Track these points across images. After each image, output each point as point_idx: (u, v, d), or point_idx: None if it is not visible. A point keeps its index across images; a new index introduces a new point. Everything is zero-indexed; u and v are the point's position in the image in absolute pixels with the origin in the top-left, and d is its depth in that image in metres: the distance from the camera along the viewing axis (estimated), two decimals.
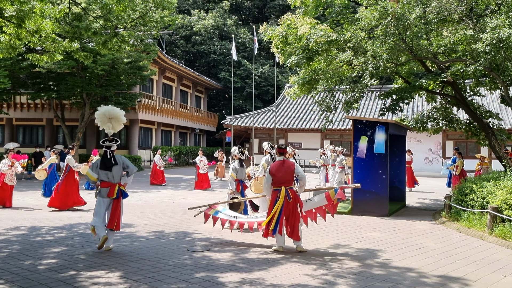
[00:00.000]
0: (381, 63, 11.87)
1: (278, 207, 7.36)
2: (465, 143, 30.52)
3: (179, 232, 9.27)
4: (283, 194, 7.42)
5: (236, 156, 10.03)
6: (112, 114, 7.76)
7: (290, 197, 7.45)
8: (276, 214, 7.35)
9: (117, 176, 7.58)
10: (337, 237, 8.80)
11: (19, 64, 22.89)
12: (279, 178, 7.50)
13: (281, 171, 7.52)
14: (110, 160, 7.53)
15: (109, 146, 7.66)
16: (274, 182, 7.53)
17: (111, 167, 7.51)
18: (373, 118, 12.32)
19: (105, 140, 7.75)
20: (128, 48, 10.96)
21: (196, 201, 14.89)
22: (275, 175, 7.50)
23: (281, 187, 7.47)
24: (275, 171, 7.53)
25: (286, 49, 14.10)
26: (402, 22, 11.31)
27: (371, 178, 11.86)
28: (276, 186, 7.53)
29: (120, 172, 7.62)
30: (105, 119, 7.74)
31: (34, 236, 8.76)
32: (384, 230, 9.60)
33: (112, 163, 7.51)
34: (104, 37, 9.54)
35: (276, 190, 7.53)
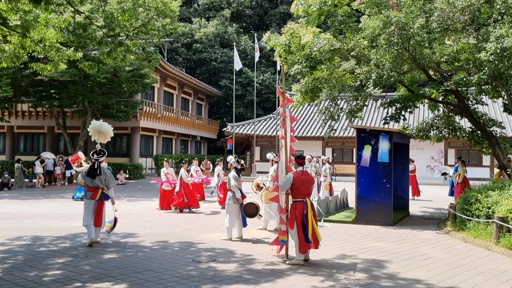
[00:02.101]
0: (385, 72, 11.87)
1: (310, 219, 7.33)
2: (466, 151, 30.48)
3: (183, 242, 9.22)
4: (309, 207, 7.40)
5: (232, 165, 9.97)
6: (102, 129, 9.45)
7: (313, 209, 7.51)
8: (310, 226, 7.30)
9: (100, 183, 9.03)
10: (342, 247, 8.74)
11: (21, 72, 22.92)
12: (302, 190, 7.46)
13: (305, 183, 7.49)
14: (96, 170, 9.02)
15: (97, 159, 9.09)
16: (296, 194, 7.46)
17: (95, 176, 8.99)
18: (377, 127, 12.33)
19: (94, 153, 9.20)
20: (133, 57, 10.96)
21: (196, 210, 14.84)
22: (298, 188, 7.44)
23: (305, 199, 7.44)
24: (299, 184, 7.44)
25: (289, 57, 14.10)
26: (405, 31, 11.31)
27: (375, 187, 11.83)
28: (298, 197, 7.46)
29: (103, 180, 9.07)
30: (96, 133, 9.44)
31: (37, 246, 8.71)
32: (390, 240, 9.54)
33: (97, 173, 9.01)
34: (109, 47, 9.54)
35: (300, 202, 7.45)
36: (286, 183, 7.41)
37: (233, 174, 9.64)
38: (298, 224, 7.37)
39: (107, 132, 9.58)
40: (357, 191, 12.02)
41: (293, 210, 7.46)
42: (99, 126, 9.49)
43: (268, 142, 34.88)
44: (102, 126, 9.52)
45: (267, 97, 46.57)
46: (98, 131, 9.48)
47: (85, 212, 8.96)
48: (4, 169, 24.80)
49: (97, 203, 8.98)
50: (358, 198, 12.01)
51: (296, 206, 7.44)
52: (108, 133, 9.59)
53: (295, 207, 7.44)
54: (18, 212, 14.00)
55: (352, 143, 33.20)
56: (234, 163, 9.76)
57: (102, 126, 9.52)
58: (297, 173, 7.53)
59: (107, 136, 9.60)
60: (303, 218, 7.37)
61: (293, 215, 7.42)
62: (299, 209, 7.40)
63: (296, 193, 7.43)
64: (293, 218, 7.41)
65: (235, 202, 9.48)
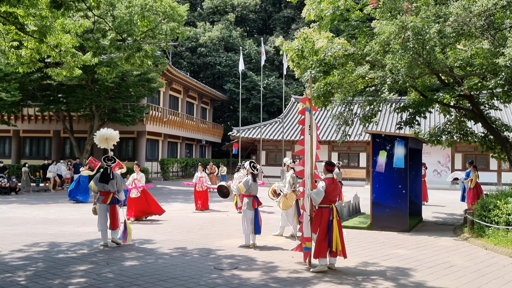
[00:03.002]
0: (400, 77, 11.82)
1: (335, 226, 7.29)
2: (474, 156, 30.39)
3: (202, 248, 9.15)
4: (335, 213, 7.35)
5: (248, 171, 9.86)
6: (109, 135, 9.91)
7: (339, 215, 7.50)
8: (336, 233, 7.25)
9: (112, 187, 9.44)
10: (363, 254, 8.67)
11: (29, 76, 22.91)
12: (331, 198, 7.41)
13: (334, 190, 7.44)
14: (109, 175, 9.44)
15: (109, 164, 9.54)
16: (324, 200, 7.39)
17: (109, 181, 9.39)
18: (392, 132, 12.25)
19: (106, 158, 9.62)
20: (150, 62, 10.94)
21: (210, 215, 14.78)
22: (327, 196, 7.37)
23: (331, 205, 7.38)
24: (329, 192, 7.37)
25: (301, 62, 14.08)
26: (421, 36, 11.27)
27: (391, 193, 11.76)
28: (325, 203, 7.40)
29: (115, 185, 9.48)
30: (103, 140, 9.88)
31: (56, 252, 8.65)
32: (409, 247, 9.47)
33: (110, 178, 9.42)
34: (128, 52, 9.50)
35: (326, 208, 7.40)
36: (321, 192, 7.32)
37: (246, 180, 9.54)
38: (321, 230, 7.31)
39: (114, 137, 10.01)
40: (372, 197, 11.95)
41: (318, 216, 7.40)
42: (104, 134, 9.94)
43: (274, 146, 34.82)
44: (107, 133, 9.97)
45: (271, 101, 46.56)
46: (105, 138, 9.93)
47: (99, 217, 9.44)
48: (10, 173, 24.75)
49: (109, 207, 9.42)
50: (373, 204, 11.93)
51: (322, 212, 7.38)
52: (114, 138, 10.03)
53: (321, 213, 7.38)
54: (30, 217, 13.94)
55: (359, 148, 33.16)
56: (251, 168, 9.66)
57: (106, 133, 9.97)
58: (328, 181, 7.48)
59: (113, 141, 10.04)
60: (329, 224, 7.31)
61: (318, 220, 7.36)
62: (325, 215, 7.34)
63: (324, 200, 7.37)
64: (318, 223, 7.35)
65: (250, 208, 9.39)
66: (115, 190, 9.52)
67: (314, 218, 7.45)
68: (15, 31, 9.60)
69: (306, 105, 7.86)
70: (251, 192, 9.42)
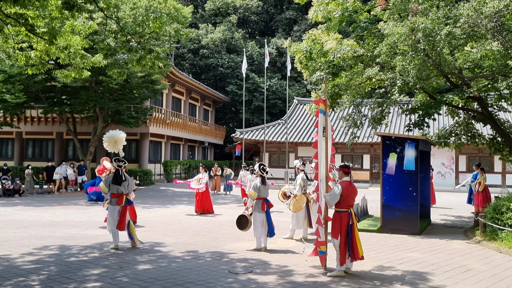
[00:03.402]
0: (410, 79, 11.74)
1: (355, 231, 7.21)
2: (478, 158, 30.31)
3: (214, 252, 9.07)
4: (354, 217, 7.27)
5: (258, 173, 9.74)
6: (117, 137, 9.94)
7: (357, 220, 7.47)
8: (356, 238, 7.17)
9: (125, 189, 9.45)
10: (377, 258, 8.59)
11: (34, 78, 22.83)
12: (349, 201, 7.32)
13: (352, 194, 7.35)
14: (121, 177, 9.46)
15: (120, 166, 9.52)
16: (342, 204, 7.29)
17: (121, 183, 9.41)
18: (402, 135, 12.17)
19: (117, 159, 9.59)
20: (161, 64, 10.86)
21: (217, 218, 14.71)
22: (345, 199, 7.28)
23: (349, 209, 7.30)
24: (347, 195, 7.27)
25: (309, 64, 14.02)
26: (432, 38, 11.20)
27: (401, 196, 11.68)
28: (343, 207, 7.30)
29: (127, 186, 9.50)
30: (112, 143, 9.90)
31: (67, 256, 8.57)
32: (422, 251, 9.39)
33: (123, 180, 9.45)
34: (139, 54, 9.43)
35: (344, 212, 7.30)
36: (336, 196, 7.22)
37: (255, 183, 9.45)
38: (342, 235, 7.21)
39: (122, 139, 10.05)
40: (382, 199, 11.88)
41: (338, 220, 7.28)
42: (112, 136, 9.99)
43: (277, 148, 34.74)
44: (115, 135, 10.02)
45: (274, 103, 46.47)
46: (114, 140, 9.97)
47: (109, 218, 9.44)
48: (14, 175, 24.66)
49: (121, 209, 9.38)
50: (384, 206, 11.86)
51: (341, 216, 7.27)
52: (121, 140, 10.05)
53: (340, 217, 7.28)
54: (36, 219, 13.86)
55: (362, 149, 33.07)
56: (260, 171, 9.56)
57: (115, 135, 10.02)
58: (345, 184, 7.37)
59: (122, 143, 10.07)
60: (348, 228, 7.22)
61: (338, 225, 7.25)
62: (345, 220, 7.25)
63: (341, 204, 7.27)
64: (338, 228, 7.24)
65: (260, 211, 9.30)
66: (128, 191, 9.53)
67: (334, 223, 7.34)
68: (25, 32, 9.52)
69: (320, 107, 7.77)
70: (260, 195, 9.33)
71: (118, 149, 10.02)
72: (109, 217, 9.45)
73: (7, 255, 8.65)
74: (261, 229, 9.19)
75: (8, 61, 21.47)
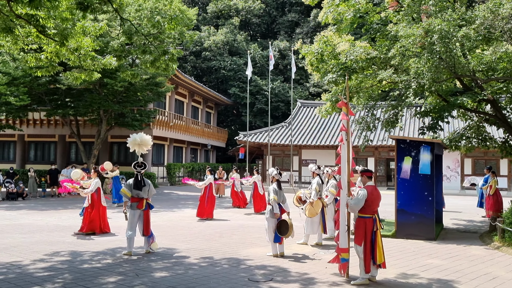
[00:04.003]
0: (425, 81, 11.55)
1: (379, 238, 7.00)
2: (483, 161, 30.16)
3: (230, 258, 8.85)
4: (379, 224, 7.06)
5: (274, 178, 9.51)
6: (141, 140, 9.59)
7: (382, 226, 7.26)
8: (379, 245, 6.97)
9: (145, 194, 9.31)
10: (398, 265, 8.38)
11: (37, 80, 22.63)
12: (373, 207, 7.11)
13: (377, 199, 7.14)
14: (141, 182, 9.30)
15: (139, 171, 9.33)
16: (366, 210, 7.08)
17: (142, 188, 9.26)
18: (417, 138, 11.98)
19: (136, 165, 9.39)
20: (175, 66, 10.67)
21: (225, 222, 14.50)
22: (370, 205, 7.07)
23: (373, 215, 7.09)
24: (371, 201, 7.06)
25: (320, 66, 13.83)
26: (448, 40, 11.01)
27: (416, 200, 11.47)
28: (367, 213, 7.10)
29: (147, 191, 9.37)
30: (135, 145, 9.55)
31: (79, 262, 8.35)
32: (442, 257, 9.17)
33: (143, 185, 9.29)
34: (153, 56, 9.23)
35: (369, 218, 7.09)
36: (360, 201, 7.01)
37: (273, 187, 9.23)
38: (366, 242, 6.99)
39: (146, 143, 9.71)
40: (397, 204, 11.67)
41: (362, 227, 7.07)
42: (137, 138, 9.60)
43: (281, 151, 34.54)
44: (140, 138, 9.63)
45: (276, 106, 46.33)
46: (138, 144, 9.60)
47: (129, 222, 9.21)
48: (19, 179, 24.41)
49: (143, 213, 9.26)
50: (398, 211, 11.65)
51: (365, 223, 7.06)
52: (147, 143, 9.72)
53: (364, 224, 7.06)
54: (42, 224, 13.63)
55: (366, 153, 32.88)
56: (276, 175, 9.34)
57: (139, 138, 9.62)
58: (370, 189, 7.14)
59: (146, 146, 9.73)
60: (372, 235, 7.01)
61: (362, 232, 7.03)
62: (369, 226, 7.03)
63: (366, 209, 7.06)
64: (362, 235, 7.02)
65: (273, 217, 9.06)
66: (148, 196, 9.38)
67: (358, 229, 7.12)
68: (36, 33, 9.32)
69: (343, 110, 7.56)
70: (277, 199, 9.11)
71: (143, 151, 9.66)
72: (129, 221, 9.21)
73: (18, 261, 8.43)
74: (273, 234, 8.96)
75: (13, 64, 21.25)
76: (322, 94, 15.00)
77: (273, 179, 9.45)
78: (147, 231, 9.24)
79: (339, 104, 7.67)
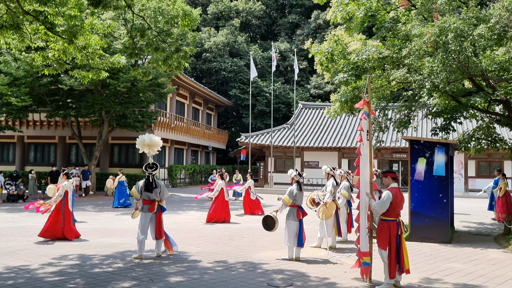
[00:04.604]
0: (438, 81, 11.32)
1: (403, 241, 6.75)
2: (487, 163, 29.99)
3: (244, 262, 8.59)
4: (403, 227, 6.80)
5: (293, 179, 9.23)
6: (151, 142, 9.23)
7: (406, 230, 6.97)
8: (404, 249, 6.71)
9: (156, 196, 8.97)
10: (419, 269, 8.13)
11: (39, 81, 22.33)
12: (398, 210, 6.85)
13: (402, 202, 6.88)
14: (152, 184, 8.95)
15: (151, 172, 8.98)
16: (390, 213, 6.80)
17: (152, 190, 8.92)
18: (432, 139, 11.74)
19: (147, 166, 9.04)
20: (187, 64, 10.42)
21: (233, 225, 14.24)
22: (395, 208, 6.80)
23: (397, 219, 6.84)
24: (396, 204, 6.77)
25: (330, 66, 13.59)
26: (464, 38, 10.79)
27: (431, 202, 11.22)
28: (391, 216, 6.82)
29: (158, 193, 8.99)
30: (145, 146, 9.20)
31: (90, 267, 8.07)
32: (462, 261, 8.93)
33: (154, 187, 8.94)
34: (166, 54, 8.96)
35: (393, 221, 6.82)
36: (385, 204, 6.75)
37: (291, 189, 8.94)
38: (391, 246, 6.73)
39: (156, 144, 9.39)
40: (411, 206, 11.42)
41: (386, 230, 6.79)
42: (145, 140, 9.27)
43: (283, 153, 34.29)
44: (151, 140, 9.31)
45: (277, 107, 46.10)
46: (147, 145, 9.27)
47: (141, 225, 8.89)
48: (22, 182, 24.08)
49: (155, 216, 8.98)
50: (412, 213, 11.40)
51: (390, 226, 6.79)
52: (156, 144, 9.39)
53: (388, 227, 6.78)
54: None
55: None
56: (296, 176, 9.06)
57: (150, 139, 9.30)
58: (394, 191, 6.86)
59: (156, 147, 9.40)
60: (397, 239, 6.75)
61: (387, 236, 6.76)
62: (393, 230, 6.76)
63: (390, 212, 6.78)
64: (387, 238, 6.75)
65: (294, 219, 8.81)
66: (160, 198, 9.05)
67: (382, 233, 6.83)
68: (44, 31, 9.06)
69: (364, 109, 7.30)
70: (296, 202, 8.84)
71: (153, 152, 9.34)
72: (141, 223, 8.91)
73: (26, 265, 8.14)
74: (294, 238, 8.70)
75: (14, 64, 20.95)
76: (330, 94, 14.73)
77: (293, 180, 9.16)
78: (159, 235, 8.95)
79: (359, 103, 7.40)
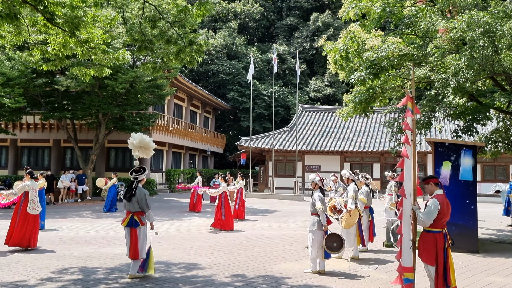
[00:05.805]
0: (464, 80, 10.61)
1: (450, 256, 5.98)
2: (492, 167, 29.40)
3: (264, 276, 7.80)
4: (449, 239, 6.05)
5: (316, 185, 8.46)
6: (143, 143, 8.10)
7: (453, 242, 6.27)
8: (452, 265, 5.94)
9: (132, 207, 7.59)
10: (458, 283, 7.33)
11: (34, 82, 21.45)
12: (444, 220, 6.06)
13: (449, 210, 6.09)
14: (131, 191, 7.62)
15: (135, 177, 7.76)
16: (437, 223, 6.02)
17: (131, 198, 7.58)
18: (458, 141, 11.04)
19: (132, 171, 7.85)
20: (200, 59, 9.68)
21: (240, 233, 13.46)
22: (442, 217, 6.01)
23: (443, 229, 6.07)
24: (443, 213, 6.00)
25: (345, 64, 12.89)
26: (493, 34, 10.10)
27: (457, 209, 10.48)
28: (437, 227, 6.04)
29: (137, 204, 7.58)
30: (136, 148, 8.09)
31: (94, 282, 7.24)
32: (501, 273, 8.20)
33: (131, 195, 7.58)
34: (178, 47, 8.18)
35: (439, 232, 6.05)
36: (433, 214, 5.95)
37: (318, 195, 8.17)
38: (439, 261, 5.96)
39: (148, 146, 8.23)
40: None
41: (432, 243, 6.01)
42: (139, 141, 8.15)
43: (283, 156, 33.53)
44: (142, 141, 8.18)
45: (276, 110, 45.30)
46: (138, 146, 8.16)
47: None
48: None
49: (129, 231, 7.58)
50: None
51: (436, 238, 6.02)
52: (149, 147, 8.25)
53: (434, 239, 6.00)
54: (43, 235, 12.42)
55: (372, 158, 32.03)
56: (319, 181, 8.30)
57: (142, 140, 8.16)
58: (441, 198, 6.07)
59: (148, 150, 8.27)
60: (444, 253, 5.98)
61: (433, 249, 5.98)
62: (440, 242, 5.99)
63: (437, 223, 5.98)
64: (433, 253, 5.97)
65: (321, 229, 8.05)
66: (136, 210, 7.60)
67: (428, 246, 6.01)
68: (43, 22, 8.26)
69: (409, 106, 6.52)
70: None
71: (146, 155, 8.25)
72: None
73: (22, 281, 7.30)
74: (319, 250, 7.93)
75: (8, 63, 20.06)
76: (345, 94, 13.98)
77: (316, 186, 8.38)
78: (133, 254, 7.50)
79: (403, 100, 6.62)
